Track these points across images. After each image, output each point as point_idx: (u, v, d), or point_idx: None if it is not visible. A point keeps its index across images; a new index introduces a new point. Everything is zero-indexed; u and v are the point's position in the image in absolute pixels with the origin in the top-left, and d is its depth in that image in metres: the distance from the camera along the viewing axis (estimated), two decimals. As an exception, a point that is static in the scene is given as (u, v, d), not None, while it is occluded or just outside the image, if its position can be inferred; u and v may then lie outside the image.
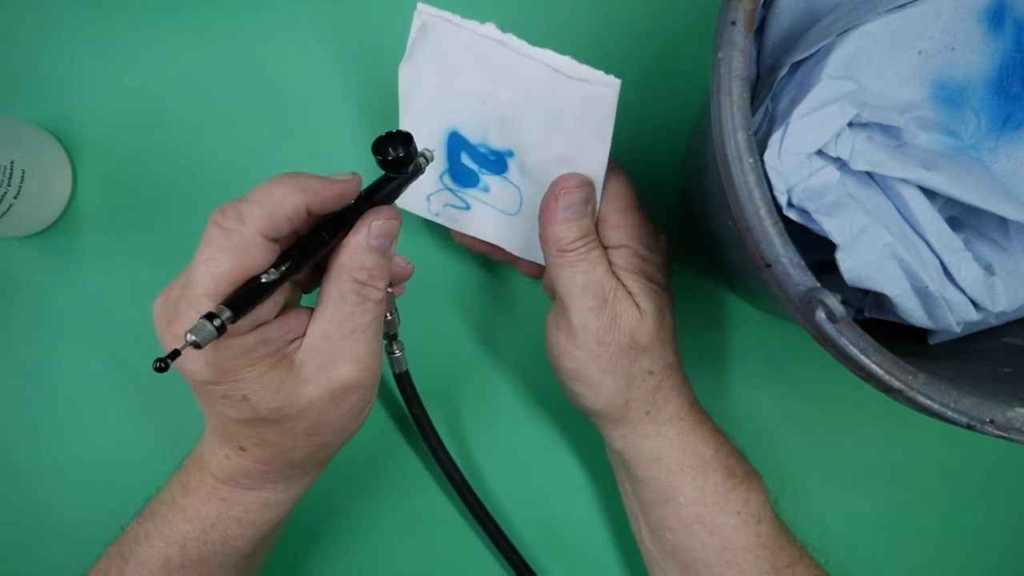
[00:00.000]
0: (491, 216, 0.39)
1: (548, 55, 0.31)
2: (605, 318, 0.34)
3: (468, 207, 0.39)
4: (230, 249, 0.27)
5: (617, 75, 0.45)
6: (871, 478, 0.45)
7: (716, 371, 0.45)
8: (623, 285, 0.35)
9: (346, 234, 0.30)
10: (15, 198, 0.42)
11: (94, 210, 0.46)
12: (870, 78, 0.30)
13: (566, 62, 0.31)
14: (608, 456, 0.41)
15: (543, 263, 0.38)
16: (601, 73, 0.31)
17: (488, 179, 0.37)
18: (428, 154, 0.33)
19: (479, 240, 0.40)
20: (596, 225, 0.35)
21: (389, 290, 0.35)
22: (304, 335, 0.30)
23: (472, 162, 0.37)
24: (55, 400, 0.46)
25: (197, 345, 0.24)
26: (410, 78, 0.35)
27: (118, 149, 0.46)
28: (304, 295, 0.34)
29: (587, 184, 0.34)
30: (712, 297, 0.45)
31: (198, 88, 0.46)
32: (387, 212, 0.31)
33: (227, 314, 0.25)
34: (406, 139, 0.30)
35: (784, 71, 0.31)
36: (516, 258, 0.40)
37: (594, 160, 0.33)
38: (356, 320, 0.30)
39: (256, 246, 0.27)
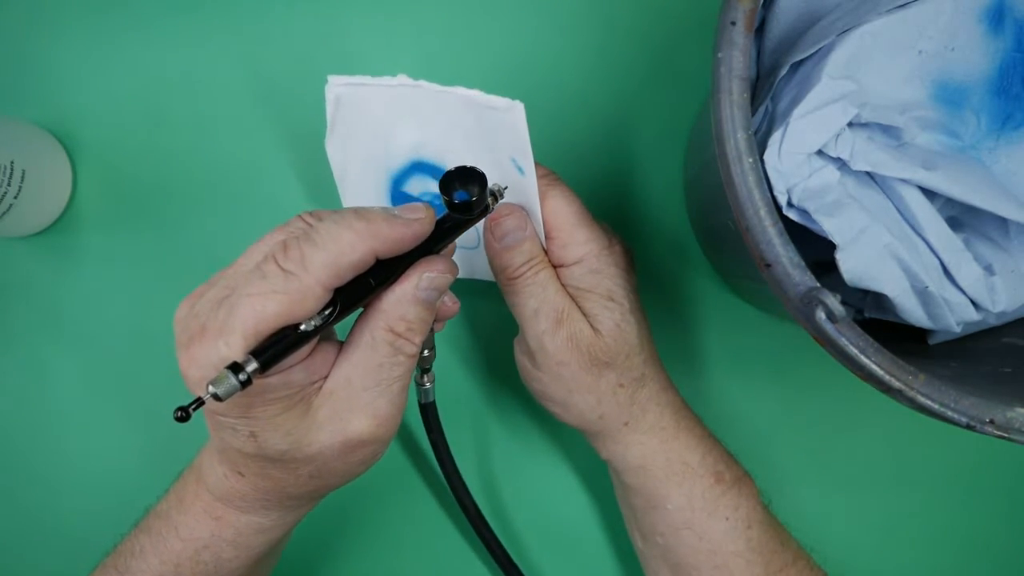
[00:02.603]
0: (455, 254, 0.39)
1: (460, 90, 0.30)
2: (560, 339, 0.34)
3: None
4: (284, 294, 0.25)
5: (618, 76, 0.45)
6: (871, 478, 0.45)
7: (715, 371, 0.45)
8: (577, 304, 0.34)
9: (396, 279, 0.28)
10: (15, 198, 0.42)
11: (94, 210, 0.46)
12: (870, 78, 0.30)
13: (475, 94, 0.30)
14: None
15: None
16: (505, 100, 0.30)
17: None
18: (499, 191, 0.31)
19: None
20: (547, 245, 0.35)
21: (432, 327, 0.33)
22: (326, 376, 0.29)
23: None
24: (54, 400, 0.46)
25: (218, 398, 0.23)
26: (339, 151, 0.34)
27: (118, 149, 0.46)
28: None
29: (516, 210, 0.33)
30: (712, 297, 0.45)
31: (198, 88, 0.46)
32: (441, 264, 0.29)
33: (253, 366, 0.24)
34: (480, 178, 0.27)
35: (784, 71, 0.31)
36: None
37: (526, 183, 0.33)
38: (384, 372, 0.28)
39: (313, 296, 0.25)
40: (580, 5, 0.45)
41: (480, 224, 0.37)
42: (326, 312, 0.26)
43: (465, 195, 0.28)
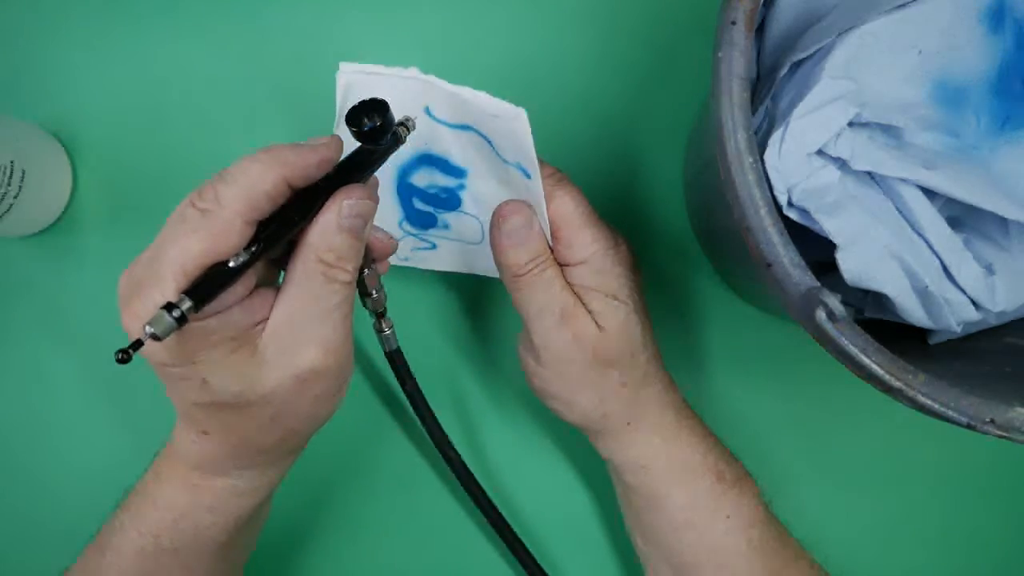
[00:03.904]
0: (458, 249, 0.39)
1: (466, 91, 0.31)
2: (565, 337, 0.34)
3: (434, 246, 0.39)
4: (204, 230, 0.26)
5: (618, 75, 0.45)
6: (871, 478, 0.45)
7: (715, 371, 0.45)
8: (582, 302, 0.34)
9: (316, 213, 0.28)
10: (15, 198, 0.42)
11: (94, 210, 0.46)
12: (870, 78, 0.30)
13: (482, 97, 0.30)
14: (605, 457, 0.41)
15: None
16: (509, 106, 0.30)
17: (446, 216, 0.37)
18: (410, 123, 0.31)
19: None
20: (553, 244, 0.35)
21: (374, 266, 0.34)
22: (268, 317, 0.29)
23: (426, 205, 0.37)
24: (55, 399, 0.46)
25: (156, 337, 0.24)
26: (346, 139, 0.34)
27: (118, 149, 0.46)
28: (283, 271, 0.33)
29: (524, 207, 0.33)
30: (712, 297, 0.45)
31: (198, 88, 0.46)
32: (360, 191, 0.29)
33: (187, 304, 0.24)
34: (382, 107, 0.28)
35: (784, 71, 0.31)
36: None
37: (532, 185, 0.33)
38: (322, 303, 0.29)
39: (233, 230, 0.26)
40: (581, 5, 0.45)
41: (481, 216, 0.37)
42: (252, 249, 0.27)
43: (371, 124, 0.28)
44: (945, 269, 0.30)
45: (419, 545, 0.46)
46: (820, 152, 0.29)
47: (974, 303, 0.31)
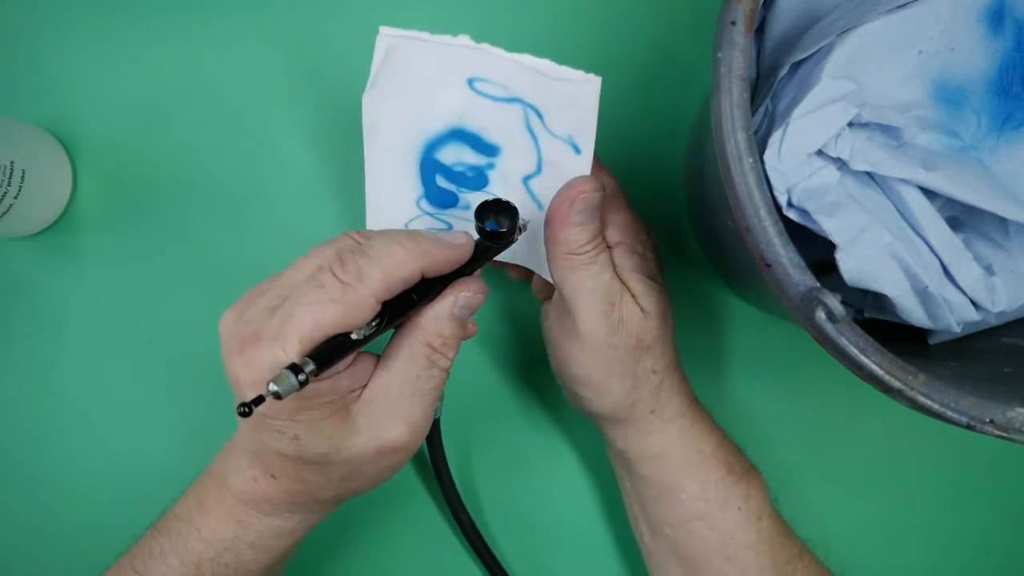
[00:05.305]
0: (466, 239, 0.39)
1: (527, 58, 0.30)
2: (613, 322, 0.34)
3: (450, 227, 0.38)
4: (341, 303, 0.27)
5: (618, 75, 0.45)
6: (871, 478, 0.45)
7: (716, 371, 0.45)
8: (627, 287, 0.34)
9: (434, 297, 0.30)
10: (15, 198, 0.42)
11: (94, 210, 0.46)
12: (870, 78, 0.30)
13: (546, 64, 0.30)
14: (608, 455, 0.41)
15: (532, 268, 0.37)
16: (581, 72, 0.30)
17: (468, 196, 0.36)
18: (523, 224, 0.33)
19: None
20: None
21: None
22: (365, 386, 0.30)
23: (449, 182, 0.36)
24: (55, 400, 0.46)
25: (278, 396, 0.24)
26: (375, 107, 0.33)
27: (118, 149, 0.46)
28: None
29: (601, 189, 0.33)
30: (712, 297, 0.45)
31: (198, 88, 0.46)
32: (476, 285, 0.31)
33: (311, 367, 0.25)
34: (512, 212, 0.30)
35: (784, 71, 0.31)
36: (504, 263, 0.39)
37: (580, 162, 0.32)
38: (420, 383, 0.30)
39: (366, 306, 0.27)
40: (580, 5, 0.45)
41: (507, 198, 0.35)
42: (374, 323, 0.28)
43: (495, 225, 0.31)
44: (945, 269, 0.30)
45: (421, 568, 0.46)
46: (820, 152, 0.29)
47: (974, 303, 0.31)
